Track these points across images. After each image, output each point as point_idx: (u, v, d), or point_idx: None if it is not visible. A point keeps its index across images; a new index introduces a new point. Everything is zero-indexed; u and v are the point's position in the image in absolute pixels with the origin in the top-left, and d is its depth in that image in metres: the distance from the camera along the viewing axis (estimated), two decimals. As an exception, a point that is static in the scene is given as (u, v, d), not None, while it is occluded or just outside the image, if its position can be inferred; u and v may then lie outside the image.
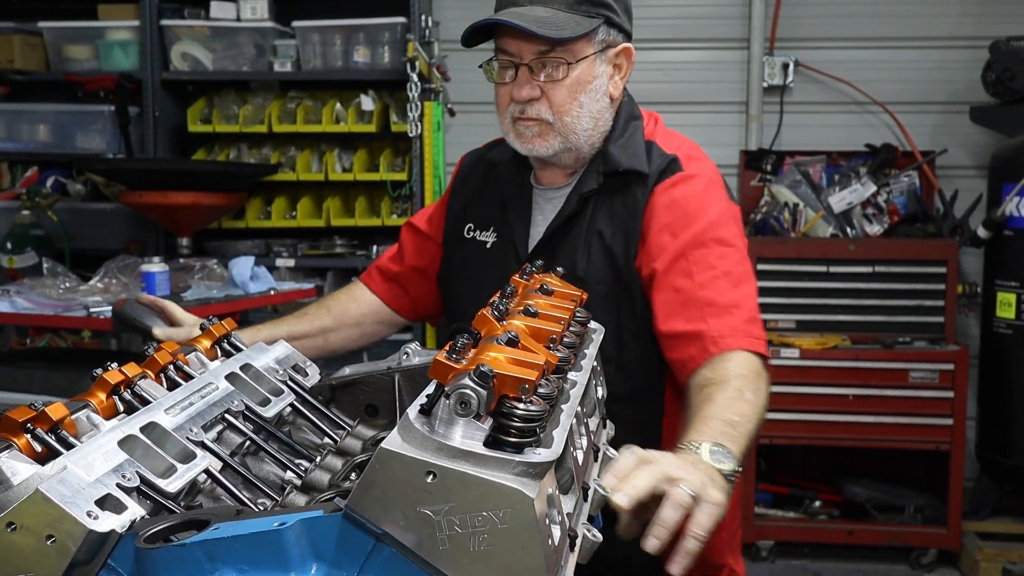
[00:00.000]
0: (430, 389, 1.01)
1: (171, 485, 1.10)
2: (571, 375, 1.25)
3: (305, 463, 1.32)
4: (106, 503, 1.01)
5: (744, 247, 1.85)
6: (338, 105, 4.68)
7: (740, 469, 1.41)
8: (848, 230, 4.48)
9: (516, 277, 1.50)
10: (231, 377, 1.38)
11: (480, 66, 1.90)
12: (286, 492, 1.25)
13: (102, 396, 1.22)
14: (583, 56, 1.81)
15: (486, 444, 0.94)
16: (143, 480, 1.08)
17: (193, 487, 1.18)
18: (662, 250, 1.79)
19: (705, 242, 1.78)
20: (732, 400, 1.55)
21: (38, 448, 1.09)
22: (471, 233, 2.04)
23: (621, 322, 1.83)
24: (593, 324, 1.57)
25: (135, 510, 1.03)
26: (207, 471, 1.17)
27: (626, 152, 1.87)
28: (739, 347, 1.67)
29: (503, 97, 1.86)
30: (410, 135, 4.52)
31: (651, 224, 1.82)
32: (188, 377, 1.36)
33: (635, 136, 1.91)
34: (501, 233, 1.99)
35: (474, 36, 1.89)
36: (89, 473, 1.02)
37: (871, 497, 4.43)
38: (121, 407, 1.24)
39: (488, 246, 2.00)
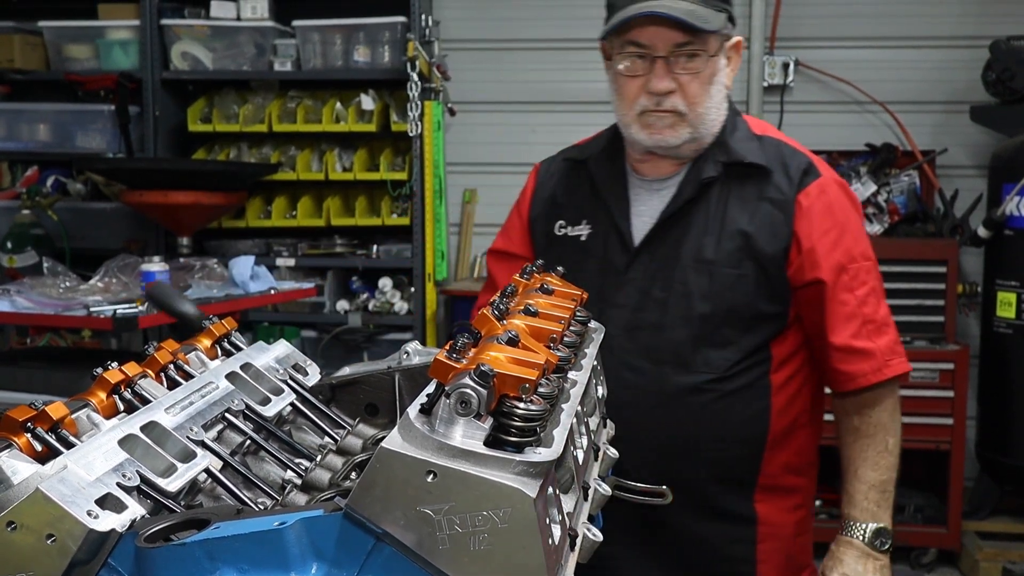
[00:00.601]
0: (430, 388, 1.01)
1: (171, 484, 1.10)
2: (572, 374, 1.25)
3: (305, 462, 1.32)
4: (106, 502, 1.01)
5: (874, 254, 1.97)
6: (338, 104, 4.68)
7: (893, 532, 1.94)
8: (848, 230, 4.47)
9: (516, 276, 1.50)
10: (231, 376, 1.38)
11: (615, 56, 1.90)
12: (286, 491, 1.25)
13: (102, 395, 1.22)
14: (714, 49, 1.86)
15: (486, 443, 0.94)
16: (143, 479, 1.08)
17: (193, 486, 1.18)
18: (827, 258, 1.89)
19: (856, 256, 1.91)
20: (880, 455, 1.93)
21: (38, 447, 1.09)
22: (562, 230, 2.06)
23: (754, 306, 1.90)
24: (593, 324, 1.57)
25: (135, 509, 1.03)
26: (207, 470, 1.17)
27: (746, 147, 1.93)
28: (900, 370, 1.93)
29: (632, 89, 1.88)
30: (410, 134, 4.52)
31: (811, 228, 1.89)
32: (188, 376, 1.35)
33: (745, 130, 1.97)
34: (597, 225, 2.01)
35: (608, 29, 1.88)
36: (89, 472, 1.02)
37: (871, 497, 4.42)
38: (121, 406, 1.24)
39: (583, 239, 2.02)
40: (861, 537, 1.90)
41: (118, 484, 1.04)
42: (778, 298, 1.91)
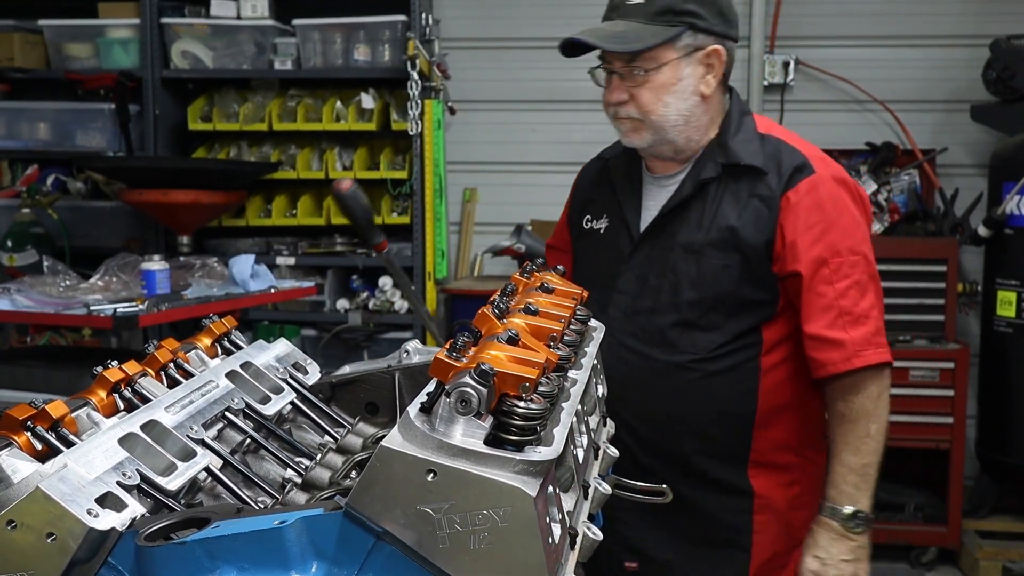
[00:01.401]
0: (431, 387, 1.01)
1: (171, 483, 1.10)
2: (572, 373, 1.26)
3: (305, 461, 1.33)
4: (106, 501, 1.01)
5: (870, 249, 2.01)
6: (338, 103, 4.68)
7: (872, 515, 1.95)
8: (848, 228, 4.47)
9: (517, 275, 1.51)
10: (231, 375, 1.38)
11: (589, 71, 2.07)
12: (286, 490, 1.25)
13: (102, 394, 1.22)
14: (664, 62, 1.96)
15: (486, 442, 0.94)
16: (143, 478, 1.08)
17: (193, 485, 1.18)
18: (807, 253, 1.96)
19: (841, 250, 1.97)
20: (861, 440, 1.96)
21: (38, 446, 1.09)
22: (588, 224, 2.21)
23: (739, 293, 1.99)
24: (593, 322, 1.57)
25: (135, 508, 1.03)
26: (207, 469, 1.17)
27: (746, 148, 2.02)
28: (875, 360, 1.95)
29: (604, 98, 2.05)
30: (410, 133, 4.52)
31: (795, 223, 1.96)
32: (188, 375, 1.36)
33: (750, 131, 2.06)
34: (612, 218, 2.16)
35: (574, 49, 2.02)
36: (89, 471, 1.02)
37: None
38: (121, 405, 1.24)
39: (601, 232, 2.17)
40: (837, 518, 1.95)
41: (118, 483, 1.04)
42: (763, 287, 1.99)
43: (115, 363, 1.26)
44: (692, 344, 2.00)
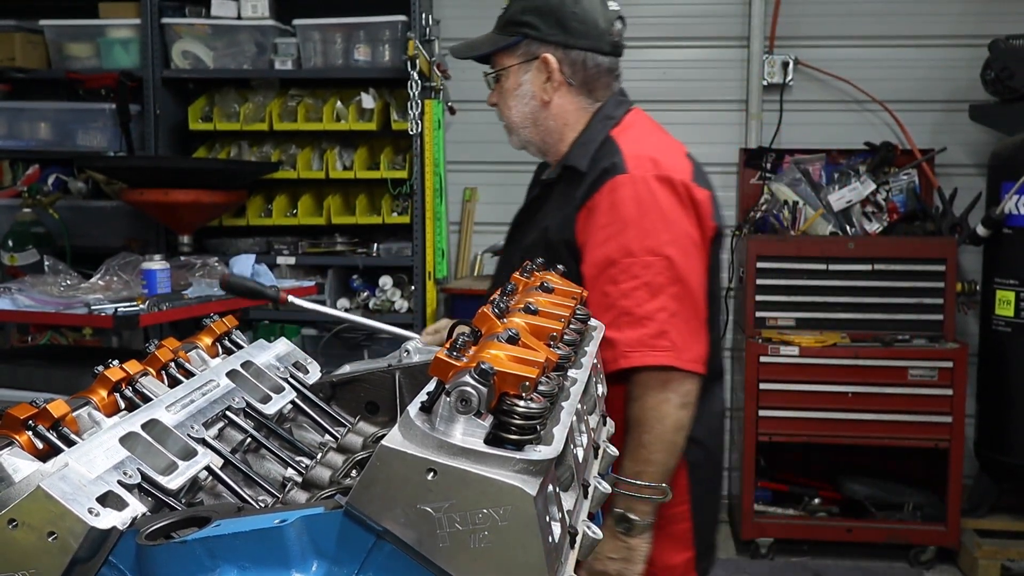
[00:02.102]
0: (431, 386, 1.02)
1: (172, 482, 1.10)
2: (571, 372, 1.26)
3: (306, 460, 1.33)
4: (107, 500, 1.01)
5: (682, 252, 1.94)
6: (339, 103, 4.68)
7: (645, 521, 1.90)
8: (847, 228, 4.48)
9: (517, 275, 1.51)
10: (232, 374, 1.38)
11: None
12: (287, 489, 1.26)
13: (103, 393, 1.23)
14: (505, 67, 2.11)
15: (486, 441, 0.94)
16: (144, 477, 1.08)
17: (194, 484, 1.18)
18: (594, 253, 1.97)
19: (634, 251, 1.93)
20: (636, 449, 1.91)
21: (39, 445, 1.10)
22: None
23: None
24: (593, 322, 1.57)
25: (136, 507, 1.03)
26: (208, 468, 1.17)
27: (578, 151, 2.08)
28: (642, 363, 1.89)
29: None
30: (410, 133, 4.53)
31: (594, 222, 1.98)
32: (189, 374, 1.36)
33: (597, 134, 2.08)
34: None
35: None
36: (90, 470, 1.03)
37: (870, 495, 4.43)
38: (122, 404, 1.24)
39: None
40: (610, 517, 1.92)
41: (119, 482, 1.04)
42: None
43: (116, 362, 1.27)
44: None
